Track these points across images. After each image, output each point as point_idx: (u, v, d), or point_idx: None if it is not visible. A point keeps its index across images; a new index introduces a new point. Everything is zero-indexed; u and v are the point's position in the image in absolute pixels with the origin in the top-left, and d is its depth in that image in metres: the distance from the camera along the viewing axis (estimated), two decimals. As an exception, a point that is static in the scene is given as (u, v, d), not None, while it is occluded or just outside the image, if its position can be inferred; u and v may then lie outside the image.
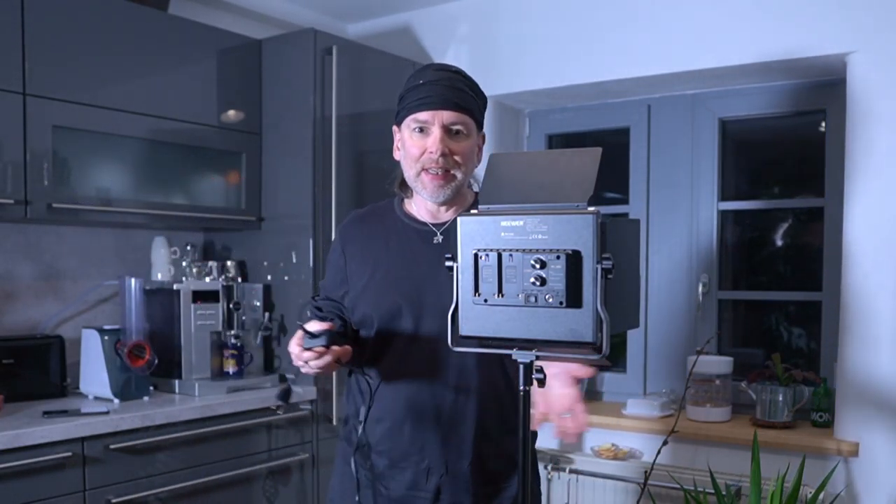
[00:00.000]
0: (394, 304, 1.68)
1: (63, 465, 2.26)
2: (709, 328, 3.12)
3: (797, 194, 3.17)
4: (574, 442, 1.49)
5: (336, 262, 1.82)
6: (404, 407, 1.69)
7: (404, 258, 1.72)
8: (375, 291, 1.71)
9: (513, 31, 3.29)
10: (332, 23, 3.62)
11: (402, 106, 1.70)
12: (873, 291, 2.59)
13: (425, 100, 1.65)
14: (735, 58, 2.80)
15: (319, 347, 1.52)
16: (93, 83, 2.61)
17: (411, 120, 1.67)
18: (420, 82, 1.68)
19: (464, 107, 1.67)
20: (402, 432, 1.69)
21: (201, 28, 2.92)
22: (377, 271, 1.73)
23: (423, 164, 1.66)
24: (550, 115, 3.53)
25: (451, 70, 1.72)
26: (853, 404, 2.63)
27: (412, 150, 1.68)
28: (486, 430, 1.69)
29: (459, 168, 1.68)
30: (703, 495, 2.68)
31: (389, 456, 1.70)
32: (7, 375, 2.56)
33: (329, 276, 1.85)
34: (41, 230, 2.83)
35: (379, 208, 1.84)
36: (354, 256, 1.77)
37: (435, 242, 1.71)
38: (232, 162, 3.07)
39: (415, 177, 1.69)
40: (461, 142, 1.68)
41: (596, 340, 1.17)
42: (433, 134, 1.66)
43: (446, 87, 1.66)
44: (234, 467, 2.68)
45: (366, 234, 1.79)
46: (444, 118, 1.65)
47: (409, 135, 1.68)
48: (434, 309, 1.64)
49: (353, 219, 1.86)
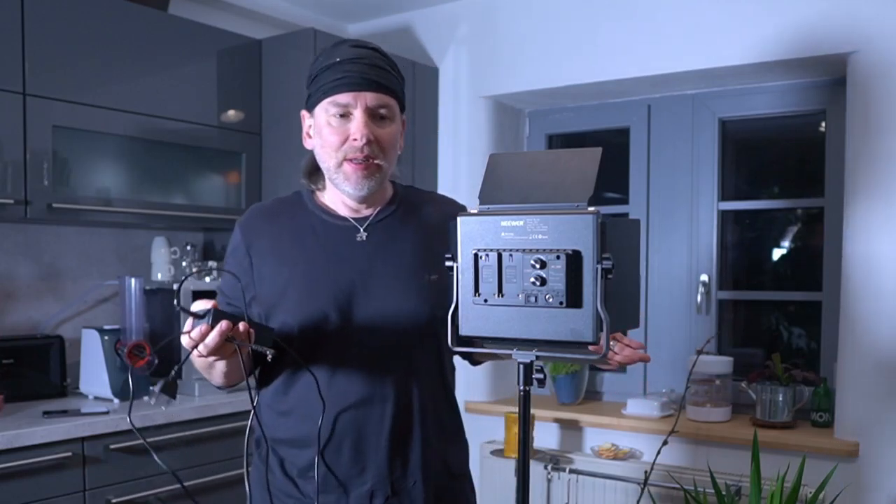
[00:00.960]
0: (318, 311, 1.48)
1: (63, 465, 2.26)
2: (709, 328, 3.12)
3: (797, 194, 3.16)
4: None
5: (240, 263, 1.55)
6: (340, 426, 1.49)
7: (327, 258, 1.51)
8: (294, 298, 1.49)
9: (513, 31, 3.29)
10: (332, 23, 3.62)
11: (315, 87, 1.49)
12: (873, 291, 2.59)
13: (344, 80, 1.45)
14: (735, 58, 2.80)
15: (203, 326, 1.32)
16: (93, 83, 2.61)
17: (329, 103, 1.46)
18: (337, 60, 1.47)
19: (388, 87, 1.49)
20: (339, 454, 1.49)
21: (201, 28, 2.93)
22: (294, 274, 1.50)
23: (346, 153, 1.46)
24: (550, 115, 3.53)
25: (370, 47, 1.52)
26: (853, 404, 2.63)
27: (331, 137, 1.47)
28: (430, 443, 1.54)
29: (384, 156, 1.49)
30: (703, 495, 2.68)
31: (325, 482, 1.50)
32: (7, 375, 2.57)
33: (229, 281, 1.57)
34: (41, 230, 2.83)
35: (286, 201, 1.62)
36: (264, 257, 1.53)
37: (359, 240, 1.53)
38: (232, 162, 3.07)
39: (335, 168, 1.48)
40: (386, 127, 1.49)
41: (596, 340, 1.17)
42: (356, 118, 1.46)
43: (367, 66, 1.47)
44: (234, 467, 2.68)
45: (276, 231, 1.55)
46: (367, 100, 1.46)
47: (326, 120, 1.47)
48: (367, 316, 1.49)
49: (256, 213, 1.60)
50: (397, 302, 1.51)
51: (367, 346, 1.49)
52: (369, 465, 1.50)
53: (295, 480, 1.53)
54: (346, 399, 1.49)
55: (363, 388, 1.49)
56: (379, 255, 1.54)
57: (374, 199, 1.55)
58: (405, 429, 1.51)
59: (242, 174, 3.08)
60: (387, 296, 1.51)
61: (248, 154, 3.08)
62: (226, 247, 3.19)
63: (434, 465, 1.55)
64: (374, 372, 1.49)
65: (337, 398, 1.48)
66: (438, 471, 1.56)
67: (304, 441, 1.50)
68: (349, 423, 1.49)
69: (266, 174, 3.11)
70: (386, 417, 1.50)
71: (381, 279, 1.52)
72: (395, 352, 1.51)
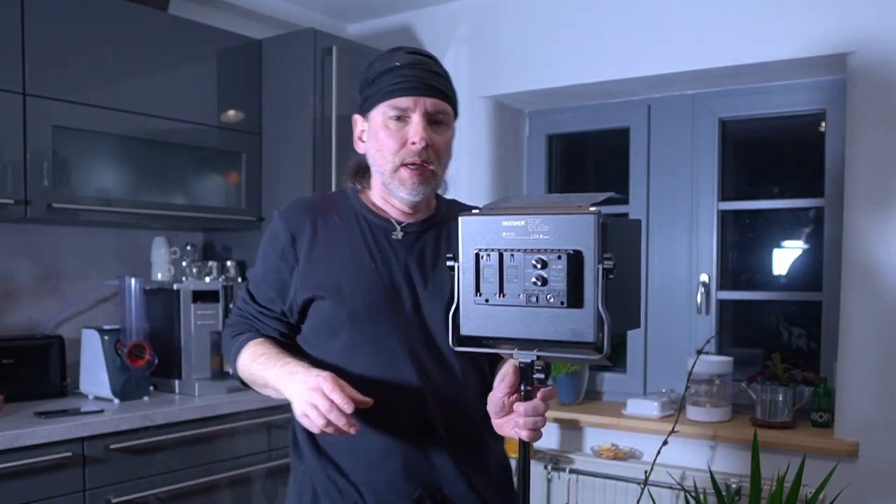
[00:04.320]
0: (366, 310, 1.47)
1: (63, 465, 2.26)
2: (709, 328, 3.11)
3: (797, 194, 3.16)
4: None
5: (281, 253, 1.54)
6: (388, 430, 1.47)
7: (373, 258, 1.51)
8: (344, 295, 1.48)
9: (513, 31, 3.29)
10: (332, 23, 3.62)
11: (372, 91, 1.49)
12: (873, 291, 2.59)
13: (404, 84, 1.45)
14: (735, 58, 2.80)
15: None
16: (93, 83, 2.61)
17: (388, 107, 1.46)
18: (396, 64, 1.47)
19: (446, 94, 1.49)
20: (388, 460, 1.47)
21: (201, 28, 2.92)
22: (350, 275, 1.49)
23: (404, 157, 1.46)
24: (550, 115, 3.53)
25: (426, 54, 1.53)
26: (853, 404, 2.63)
27: (388, 141, 1.46)
28: (478, 440, 1.54)
29: (439, 163, 1.49)
30: (703, 495, 2.68)
31: (373, 491, 1.48)
32: (7, 375, 2.56)
33: (266, 269, 1.56)
34: (41, 230, 2.83)
35: (331, 198, 1.62)
36: (311, 253, 1.52)
37: (394, 237, 1.53)
38: (232, 162, 3.07)
39: (391, 172, 1.48)
40: (442, 133, 1.49)
41: (597, 340, 1.17)
42: (414, 122, 1.46)
43: (427, 72, 1.48)
44: (234, 467, 2.68)
45: (322, 227, 1.54)
46: (426, 105, 1.46)
47: (383, 123, 1.47)
48: (413, 315, 1.49)
49: (300, 204, 1.58)
50: (439, 308, 1.49)
51: (412, 345, 1.48)
52: (417, 471, 1.48)
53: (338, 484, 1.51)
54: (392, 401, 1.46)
55: (415, 386, 1.47)
56: (418, 259, 1.53)
57: (420, 206, 1.55)
58: (454, 427, 1.50)
59: (242, 174, 3.08)
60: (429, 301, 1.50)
61: (248, 154, 3.08)
62: (226, 246, 3.23)
63: (478, 471, 1.53)
64: (423, 376, 1.48)
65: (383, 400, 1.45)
66: (483, 477, 1.54)
67: (355, 448, 1.48)
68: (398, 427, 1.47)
69: (266, 174, 3.11)
70: (435, 418, 1.48)
71: (421, 284, 1.51)
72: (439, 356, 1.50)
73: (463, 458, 1.51)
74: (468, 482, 1.50)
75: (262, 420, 2.76)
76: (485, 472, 1.56)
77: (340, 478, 1.50)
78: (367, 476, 1.48)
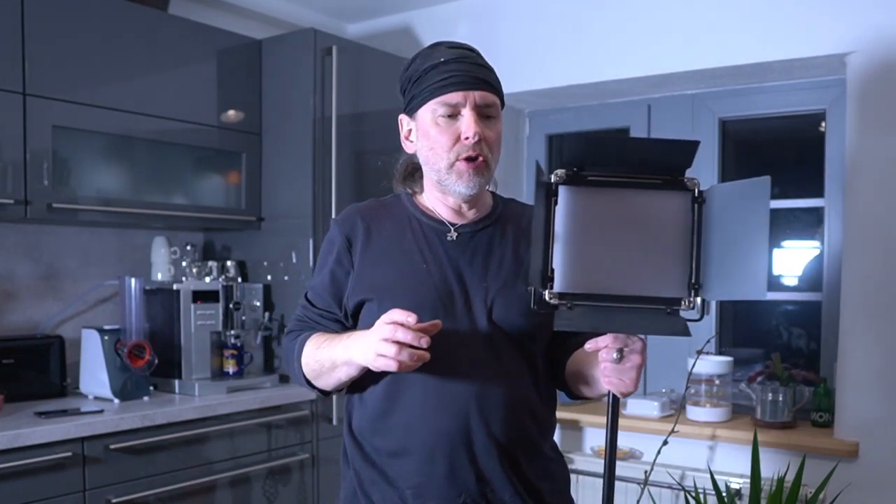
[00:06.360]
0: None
1: (63, 465, 2.26)
2: (709, 328, 3.11)
3: (797, 195, 3.16)
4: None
5: (337, 260, 1.53)
6: (435, 433, 1.43)
7: (424, 258, 1.49)
8: (393, 296, 1.45)
9: (512, 31, 3.29)
10: (332, 23, 3.62)
11: (418, 89, 1.46)
12: (873, 291, 2.59)
13: (452, 79, 1.43)
14: (735, 58, 2.80)
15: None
16: (93, 83, 2.61)
17: (437, 104, 1.43)
18: (441, 60, 1.44)
19: (493, 86, 1.48)
20: (433, 464, 1.44)
21: (201, 28, 2.92)
22: (401, 276, 1.48)
23: (458, 152, 1.43)
24: (550, 115, 3.53)
25: (468, 47, 1.51)
26: (853, 404, 2.63)
27: (441, 138, 1.44)
28: (530, 447, 1.50)
29: (492, 155, 1.47)
30: (702, 495, 2.68)
31: (418, 494, 1.45)
32: (7, 375, 2.56)
33: (323, 275, 1.56)
34: (41, 230, 2.83)
35: (385, 203, 1.60)
36: (364, 256, 1.51)
37: (449, 240, 1.51)
38: (232, 162, 3.07)
39: (447, 168, 1.45)
40: (492, 126, 1.47)
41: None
42: (465, 117, 1.43)
43: (473, 65, 1.46)
44: (234, 467, 2.68)
45: (375, 231, 1.53)
46: (476, 98, 1.44)
47: (433, 120, 1.44)
48: (463, 316, 1.46)
49: (354, 211, 1.58)
50: (496, 309, 1.48)
51: (462, 346, 1.45)
52: (462, 476, 1.44)
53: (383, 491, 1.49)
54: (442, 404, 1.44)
55: (460, 396, 1.44)
56: (470, 259, 1.51)
57: (475, 202, 1.53)
58: (504, 433, 1.46)
59: (242, 174, 3.08)
60: (480, 302, 1.48)
61: (248, 154, 3.08)
62: (226, 246, 3.24)
63: (528, 479, 1.49)
64: (474, 379, 1.45)
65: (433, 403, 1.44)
66: (533, 485, 1.50)
67: (403, 451, 1.46)
68: (444, 430, 1.44)
69: (266, 174, 3.11)
70: (483, 422, 1.44)
71: (474, 284, 1.49)
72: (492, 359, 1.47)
73: (511, 464, 1.47)
74: (514, 489, 1.47)
75: (262, 420, 2.76)
76: (536, 479, 1.51)
77: (386, 485, 1.48)
78: (412, 480, 1.46)
